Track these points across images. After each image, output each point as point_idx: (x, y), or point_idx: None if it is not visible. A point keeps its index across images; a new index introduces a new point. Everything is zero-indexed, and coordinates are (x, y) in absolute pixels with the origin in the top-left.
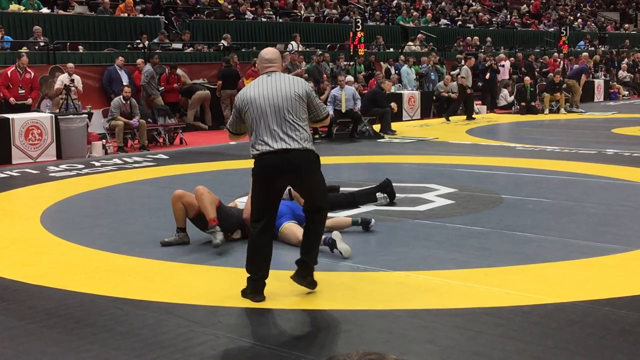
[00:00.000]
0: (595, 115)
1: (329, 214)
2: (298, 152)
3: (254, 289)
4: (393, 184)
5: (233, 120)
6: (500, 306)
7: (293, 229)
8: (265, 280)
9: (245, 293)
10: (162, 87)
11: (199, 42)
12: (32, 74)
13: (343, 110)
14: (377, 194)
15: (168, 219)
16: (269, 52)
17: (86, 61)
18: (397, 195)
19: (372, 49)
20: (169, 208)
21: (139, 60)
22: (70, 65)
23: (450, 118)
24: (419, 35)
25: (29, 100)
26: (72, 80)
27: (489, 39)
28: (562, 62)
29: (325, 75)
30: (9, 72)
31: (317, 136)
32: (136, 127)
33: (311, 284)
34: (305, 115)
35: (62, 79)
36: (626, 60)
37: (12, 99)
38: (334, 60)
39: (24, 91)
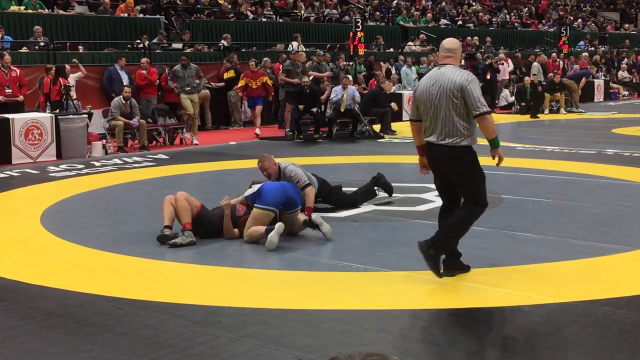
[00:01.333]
0: (595, 115)
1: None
2: (440, 147)
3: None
4: (393, 184)
5: (412, 108)
6: (500, 306)
7: (253, 216)
8: (456, 254)
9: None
10: (200, 82)
11: (199, 42)
12: (18, 71)
13: (342, 110)
14: (375, 188)
15: None
16: (450, 41)
17: (86, 61)
18: (397, 195)
19: (372, 49)
20: None
21: (143, 60)
22: (68, 67)
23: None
24: (421, 35)
25: (21, 97)
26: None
27: (488, 39)
28: (561, 62)
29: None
30: None
31: (316, 136)
32: (136, 127)
33: (432, 264)
34: (460, 110)
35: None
36: (626, 60)
37: (1, 98)
38: (334, 60)
39: (10, 90)
